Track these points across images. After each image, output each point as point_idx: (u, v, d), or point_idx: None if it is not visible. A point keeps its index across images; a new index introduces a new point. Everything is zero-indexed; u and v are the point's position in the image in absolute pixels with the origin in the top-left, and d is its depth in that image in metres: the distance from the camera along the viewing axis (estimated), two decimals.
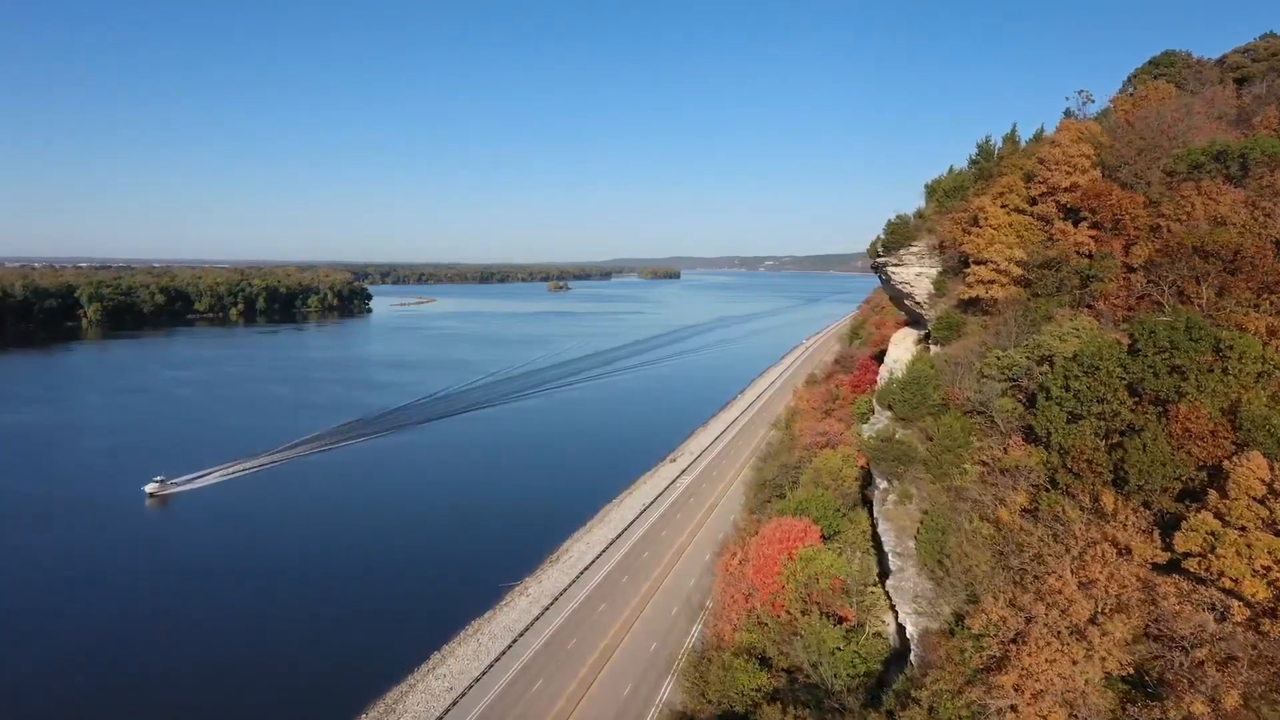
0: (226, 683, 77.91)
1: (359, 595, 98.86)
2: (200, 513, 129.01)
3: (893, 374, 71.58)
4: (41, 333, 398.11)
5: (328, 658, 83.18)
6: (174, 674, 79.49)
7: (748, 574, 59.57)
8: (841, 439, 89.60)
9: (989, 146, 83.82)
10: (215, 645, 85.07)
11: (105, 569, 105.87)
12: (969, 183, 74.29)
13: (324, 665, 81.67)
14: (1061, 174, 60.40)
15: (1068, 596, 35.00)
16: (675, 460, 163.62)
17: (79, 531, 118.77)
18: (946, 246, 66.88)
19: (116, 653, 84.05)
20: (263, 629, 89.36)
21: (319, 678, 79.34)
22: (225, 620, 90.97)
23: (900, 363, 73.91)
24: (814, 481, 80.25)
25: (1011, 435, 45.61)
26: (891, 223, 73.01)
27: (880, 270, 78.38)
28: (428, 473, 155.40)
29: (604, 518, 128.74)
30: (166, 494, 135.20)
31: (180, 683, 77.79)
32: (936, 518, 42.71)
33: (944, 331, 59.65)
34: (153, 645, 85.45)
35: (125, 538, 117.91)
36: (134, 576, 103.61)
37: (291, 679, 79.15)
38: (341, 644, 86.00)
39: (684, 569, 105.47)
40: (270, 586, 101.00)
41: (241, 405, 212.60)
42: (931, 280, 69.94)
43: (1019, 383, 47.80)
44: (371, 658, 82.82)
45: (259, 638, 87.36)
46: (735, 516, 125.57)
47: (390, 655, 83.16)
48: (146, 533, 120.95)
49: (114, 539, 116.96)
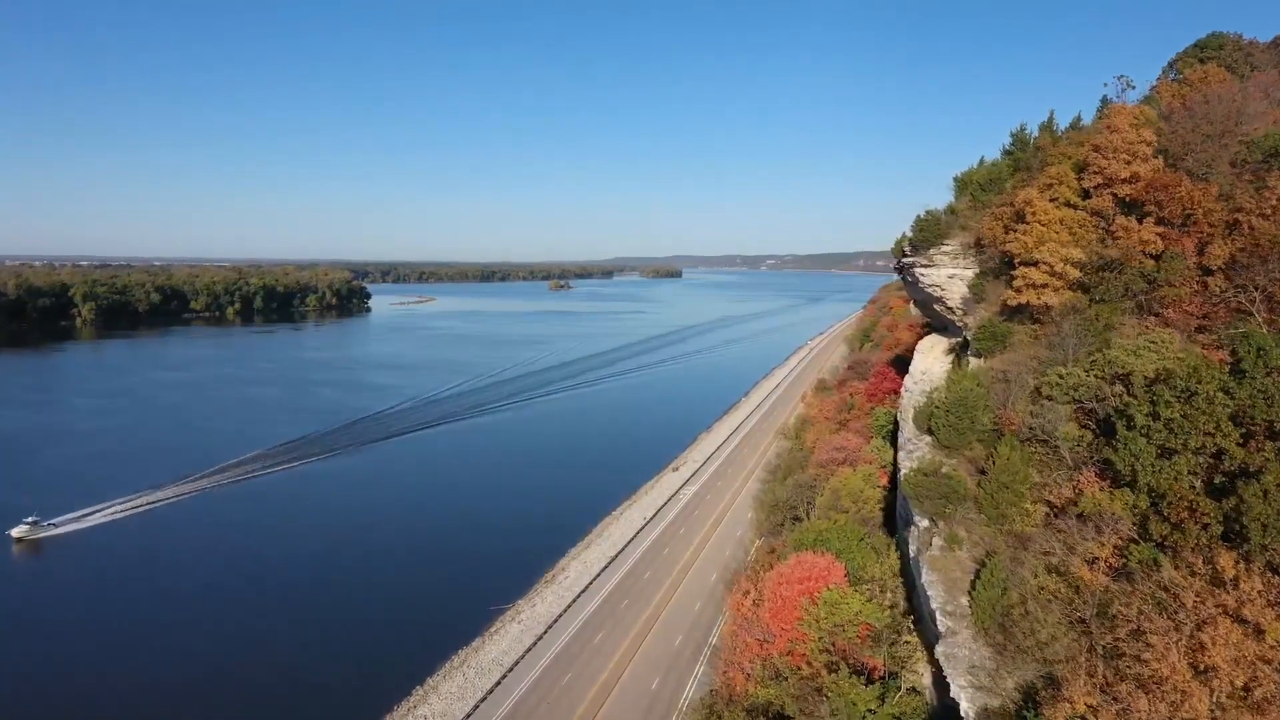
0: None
1: (339, 618, 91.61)
2: (96, 557, 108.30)
3: (927, 390, 64.32)
4: (35, 332, 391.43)
5: (298, 693, 75.91)
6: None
7: (762, 617, 52.30)
8: (860, 455, 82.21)
9: (1024, 136, 76.43)
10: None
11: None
12: (1005, 175, 66.89)
13: (294, 698, 74.45)
14: (1120, 163, 53.06)
15: (1180, 687, 27.70)
16: (678, 469, 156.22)
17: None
18: (985, 245, 59.49)
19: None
20: (225, 663, 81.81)
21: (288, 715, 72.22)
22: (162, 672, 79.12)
23: (930, 375, 66.58)
24: (832, 504, 72.96)
25: (1081, 470, 38.32)
26: (920, 219, 65.60)
27: (906, 272, 71.04)
28: (413, 485, 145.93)
29: (603, 533, 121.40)
30: (39, 537, 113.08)
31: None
32: (995, 571, 35.45)
33: (987, 342, 52.29)
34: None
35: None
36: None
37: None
38: (314, 678, 78.65)
39: (688, 591, 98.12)
40: (226, 616, 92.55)
41: (222, 410, 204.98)
42: (966, 283, 62.58)
43: (1087, 406, 40.54)
44: (347, 690, 75.63)
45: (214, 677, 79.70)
46: (742, 532, 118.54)
47: (369, 688, 75.90)
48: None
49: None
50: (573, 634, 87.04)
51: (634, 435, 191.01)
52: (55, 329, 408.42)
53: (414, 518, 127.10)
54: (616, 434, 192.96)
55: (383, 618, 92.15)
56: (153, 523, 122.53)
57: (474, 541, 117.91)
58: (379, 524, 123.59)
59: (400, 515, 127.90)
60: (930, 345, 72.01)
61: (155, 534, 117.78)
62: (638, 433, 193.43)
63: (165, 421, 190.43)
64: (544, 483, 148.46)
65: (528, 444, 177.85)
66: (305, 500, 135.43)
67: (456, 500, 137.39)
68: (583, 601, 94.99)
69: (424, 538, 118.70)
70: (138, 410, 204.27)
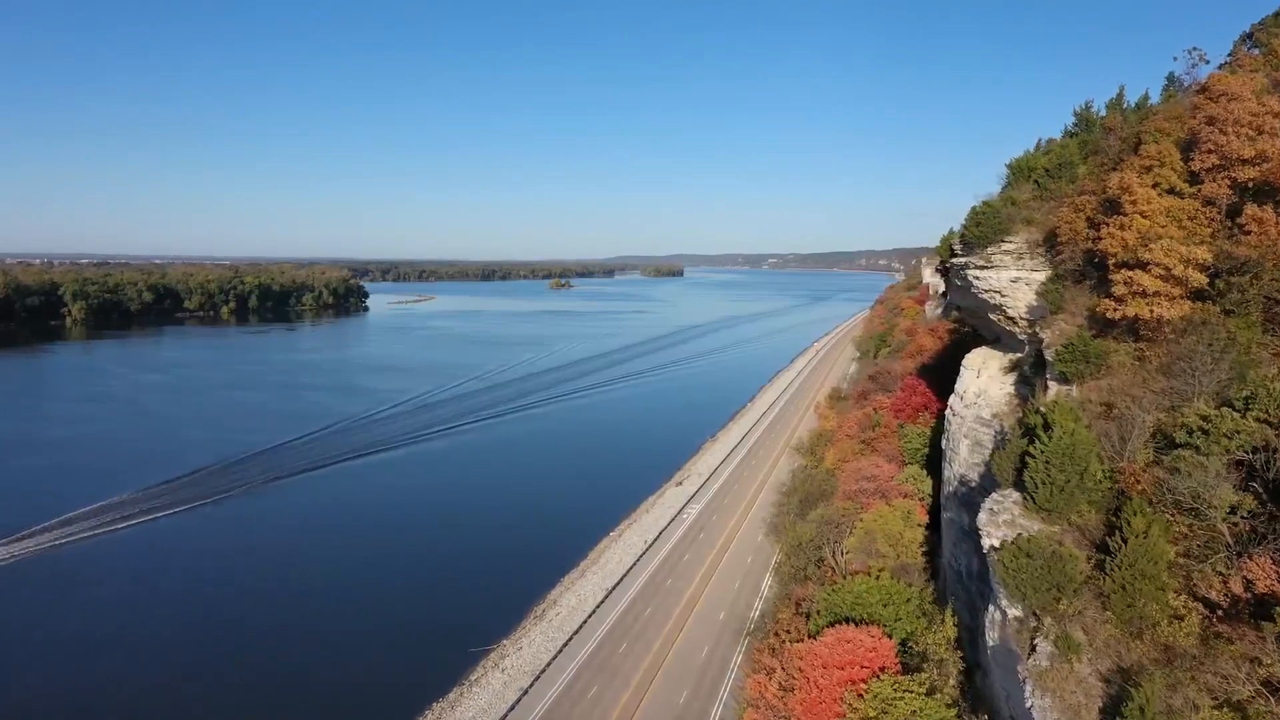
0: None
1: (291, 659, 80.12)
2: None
3: (985, 418, 53.34)
4: (23, 331, 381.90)
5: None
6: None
7: (793, 710, 41.52)
8: (892, 485, 71.31)
9: (1090, 114, 65.47)
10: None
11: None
12: (1076, 157, 55.97)
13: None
14: (1242, 139, 42.25)
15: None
16: (681, 483, 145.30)
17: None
18: (1061, 242, 48.58)
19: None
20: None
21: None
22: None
23: (988, 399, 55.65)
24: (864, 546, 62.13)
25: (1251, 555, 27.59)
26: (977, 211, 54.63)
27: (954, 274, 60.16)
28: (386, 505, 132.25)
29: (599, 558, 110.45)
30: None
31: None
32: (1146, 703, 24.67)
33: (1076, 364, 41.38)
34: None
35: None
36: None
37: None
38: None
39: (694, 634, 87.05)
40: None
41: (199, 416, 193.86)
42: (1035, 288, 51.68)
43: (1247, 460, 29.81)
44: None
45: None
46: (752, 559, 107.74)
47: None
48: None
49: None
50: (564, 686, 76.10)
51: (634, 443, 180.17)
52: (45, 328, 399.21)
53: (385, 543, 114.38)
54: (616, 442, 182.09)
55: (346, 663, 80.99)
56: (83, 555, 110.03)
57: (455, 568, 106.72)
58: (341, 550, 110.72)
59: (368, 541, 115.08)
60: (982, 360, 61.02)
61: (79, 568, 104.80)
62: (638, 441, 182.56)
63: (135, 431, 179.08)
64: (535, 499, 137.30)
65: (519, 455, 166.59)
66: (257, 526, 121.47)
67: (436, 521, 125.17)
68: (575, 646, 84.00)
69: (396, 564, 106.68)
70: (109, 417, 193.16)
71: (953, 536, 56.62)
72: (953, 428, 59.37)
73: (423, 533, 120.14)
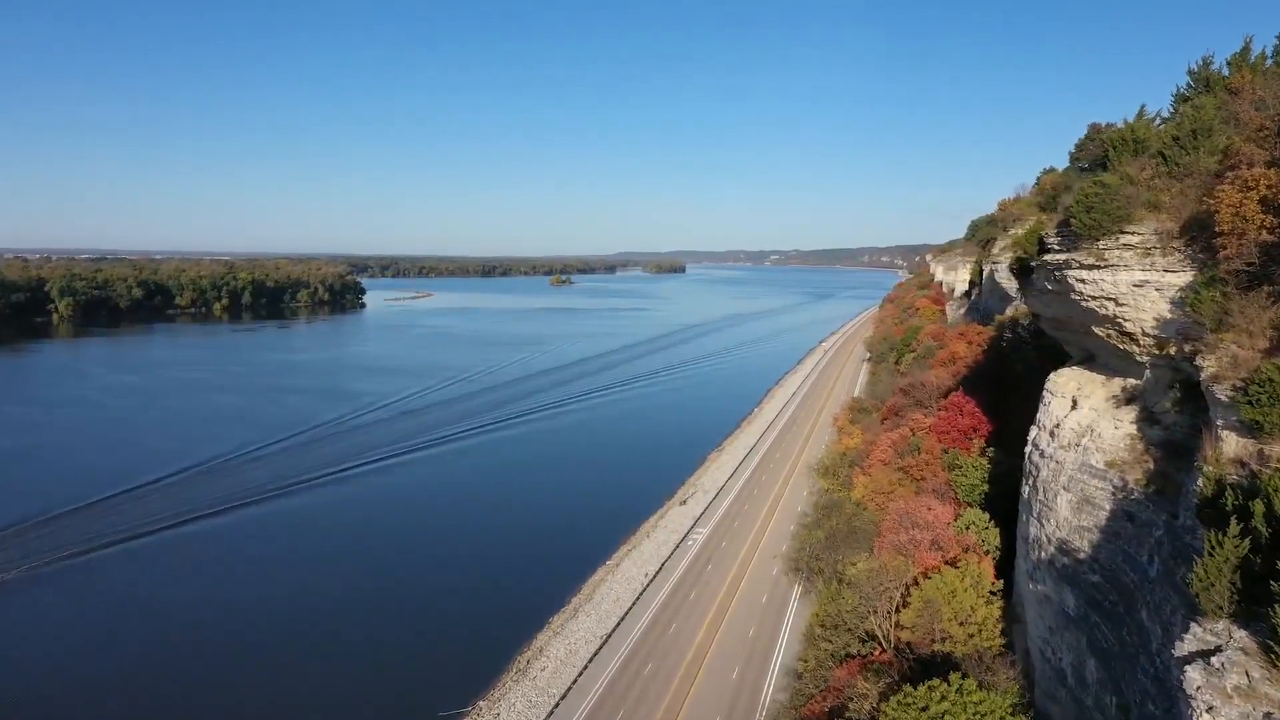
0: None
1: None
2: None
3: (1099, 467, 39.78)
4: (7, 329, 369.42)
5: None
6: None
7: None
8: (949, 534, 57.59)
9: (1210, 73, 51.89)
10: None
11: None
12: (1215, 121, 42.40)
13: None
14: None
15: None
16: (685, 502, 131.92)
17: None
18: (1220, 234, 35.09)
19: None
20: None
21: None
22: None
23: (1101, 439, 42.07)
24: (923, 621, 48.75)
25: None
26: (1088, 192, 40.96)
27: (1044, 275, 46.63)
28: (352, 533, 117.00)
29: (593, 594, 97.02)
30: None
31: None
32: None
33: (1275, 410, 27.98)
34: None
35: None
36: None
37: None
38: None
39: (704, 690, 74.00)
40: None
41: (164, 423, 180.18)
42: (1169, 295, 38.21)
43: None
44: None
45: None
46: (767, 597, 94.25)
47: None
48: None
49: None
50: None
51: (634, 454, 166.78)
52: (30, 326, 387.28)
53: (344, 575, 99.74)
54: (615, 453, 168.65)
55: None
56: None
57: (429, 606, 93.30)
58: (295, 588, 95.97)
59: (327, 571, 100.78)
60: (1077, 385, 47.46)
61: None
62: (639, 451, 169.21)
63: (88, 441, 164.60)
64: (525, 516, 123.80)
65: (507, 468, 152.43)
66: (197, 564, 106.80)
67: (408, 548, 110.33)
68: (563, 714, 70.87)
69: (356, 601, 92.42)
70: (65, 425, 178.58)
71: (1049, 620, 43.21)
72: (1043, 473, 45.86)
73: (390, 562, 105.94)
